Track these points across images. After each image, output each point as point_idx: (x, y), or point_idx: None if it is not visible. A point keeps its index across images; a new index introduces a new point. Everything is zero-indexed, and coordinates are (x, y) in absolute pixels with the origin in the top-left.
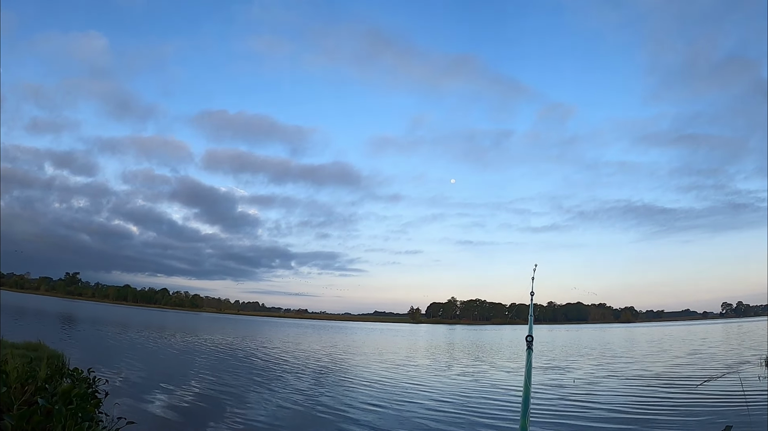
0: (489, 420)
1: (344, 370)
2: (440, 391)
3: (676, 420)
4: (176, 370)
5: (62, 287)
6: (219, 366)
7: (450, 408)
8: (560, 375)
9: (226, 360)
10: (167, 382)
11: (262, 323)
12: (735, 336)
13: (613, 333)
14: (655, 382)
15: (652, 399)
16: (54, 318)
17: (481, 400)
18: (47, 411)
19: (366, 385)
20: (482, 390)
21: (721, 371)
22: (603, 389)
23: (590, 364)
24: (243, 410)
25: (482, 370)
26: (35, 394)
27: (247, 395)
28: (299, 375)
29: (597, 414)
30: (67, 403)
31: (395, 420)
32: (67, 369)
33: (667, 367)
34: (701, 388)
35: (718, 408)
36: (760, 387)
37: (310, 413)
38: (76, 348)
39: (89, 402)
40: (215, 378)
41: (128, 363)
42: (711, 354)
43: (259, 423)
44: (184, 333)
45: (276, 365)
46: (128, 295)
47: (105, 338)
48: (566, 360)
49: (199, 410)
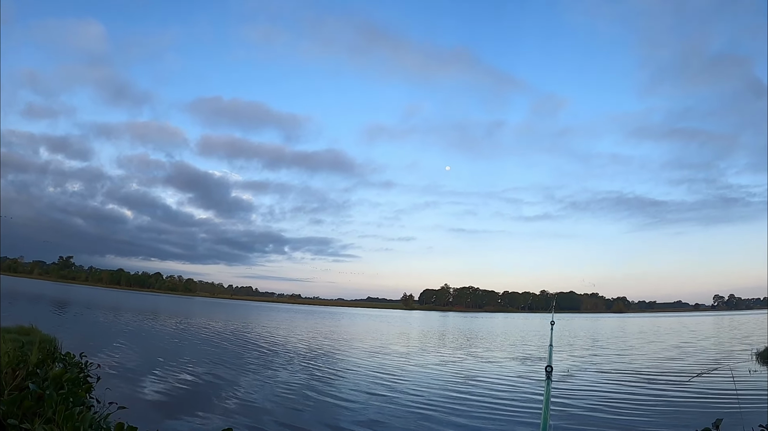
0: (481, 409)
1: (335, 356)
2: (430, 378)
3: (667, 414)
4: (169, 355)
5: (56, 271)
6: (211, 351)
7: (438, 396)
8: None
9: (218, 344)
10: (160, 367)
11: (255, 308)
12: (727, 330)
13: (606, 323)
14: (646, 375)
15: (643, 392)
16: (47, 302)
17: (472, 390)
18: (38, 396)
19: (356, 372)
20: (473, 379)
21: (714, 364)
22: (594, 380)
23: (581, 355)
24: (235, 394)
25: (474, 360)
26: (26, 379)
27: (239, 379)
28: (291, 360)
29: (588, 405)
30: (58, 388)
31: (385, 406)
32: (59, 354)
33: (660, 360)
34: (693, 382)
35: (710, 402)
36: (752, 381)
37: (302, 397)
38: (69, 332)
39: (81, 386)
40: (208, 363)
41: (121, 347)
42: (703, 347)
43: (251, 407)
44: (178, 318)
45: (268, 350)
46: (122, 279)
47: (98, 322)
48: (559, 350)
49: (191, 394)
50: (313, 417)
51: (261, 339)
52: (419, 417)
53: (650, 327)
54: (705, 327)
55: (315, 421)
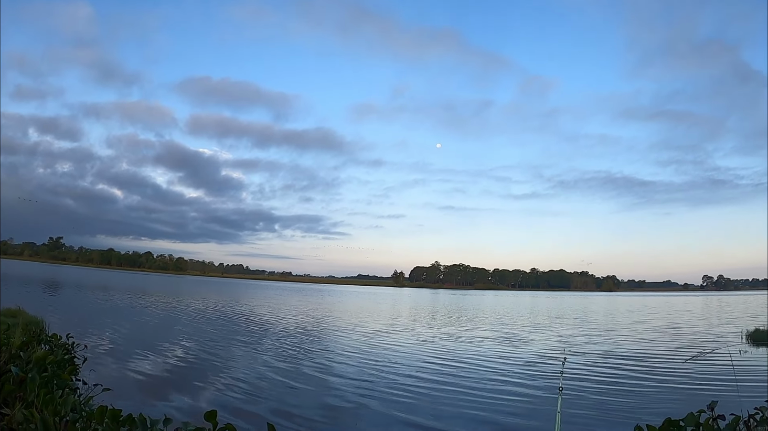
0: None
1: (324, 335)
2: (418, 357)
3: (660, 396)
4: (158, 335)
5: (46, 252)
6: (201, 331)
7: (429, 373)
8: (549, 347)
9: (208, 324)
10: (149, 347)
11: (246, 286)
12: (716, 310)
13: (596, 302)
14: (637, 356)
15: (635, 374)
16: (36, 283)
17: (460, 368)
18: (20, 380)
19: (345, 350)
20: (461, 358)
21: (704, 345)
22: (585, 362)
23: (571, 333)
24: (223, 374)
25: (466, 337)
26: (8, 362)
27: (228, 359)
28: (280, 339)
29: (578, 386)
30: (41, 371)
31: (373, 383)
32: (45, 335)
33: (650, 341)
34: (686, 364)
35: (704, 383)
36: (744, 362)
37: (290, 376)
38: (57, 313)
39: (65, 368)
40: (197, 343)
41: (110, 327)
42: (693, 328)
43: (239, 387)
44: (168, 297)
45: (258, 329)
46: (112, 259)
47: (87, 303)
48: (551, 328)
49: (179, 375)
50: (302, 396)
51: (251, 318)
52: (406, 391)
53: (639, 306)
54: (695, 308)
55: (304, 399)
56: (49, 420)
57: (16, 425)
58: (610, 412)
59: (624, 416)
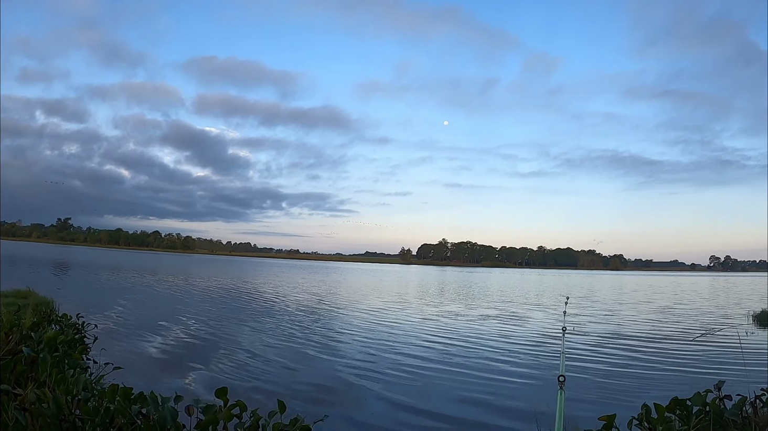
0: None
1: (332, 312)
2: (422, 335)
3: (666, 376)
4: (167, 313)
5: (54, 233)
6: (209, 309)
7: (435, 351)
8: (553, 324)
9: (216, 302)
10: (158, 325)
11: (253, 264)
12: (723, 291)
13: (602, 281)
14: (645, 337)
15: (641, 354)
16: (45, 264)
17: (468, 343)
18: (31, 360)
19: (352, 327)
20: (468, 333)
21: (711, 326)
22: (591, 342)
23: (578, 312)
24: (233, 351)
25: (472, 315)
26: (20, 343)
27: (237, 336)
28: (289, 317)
29: (584, 367)
30: (52, 350)
31: (380, 361)
32: (55, 316)
33: (656, 320)
34: (693, 343)
35: (711, 364)
36: (752, 344)
37: (298, 354)
38: (67, 293)
39: (76, 348)
40: (205, 321)
41: (120, 307)
42: (700, 308)
43: (248, 364)
44: (176, 276)
45: (265, 307)
46: (120, 239)
47: (96, 282)
48: (552, 308)
49: (189, 352)
50: (310, 373)
51: (258, 296)
52: (413, 368)
53: (646, 285)
54: (702, 288)
55: (312, 376)
56: (61, 399)
57: (29, 404)
58: (616, 391)
59: (630, 395)
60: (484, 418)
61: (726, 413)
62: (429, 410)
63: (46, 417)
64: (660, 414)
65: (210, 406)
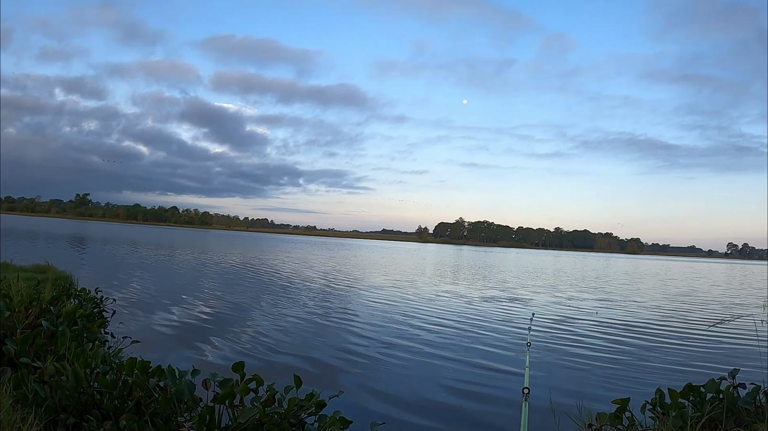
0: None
1: (349, 288)
2: (441, 310)
3: (680, 363)
4: (184, 288)
5: (73, 208)
6: (227, 283)
7: (450, 328)
8: (565, 306)
9: (233, 277)
10: (175, 300)
11: (271, 240)
12: (740, 278)
13: (619, 264)
14: (660, 322)
15: (654, 340)
16: (64, 239)
17: (483, 323)
18: (51, 334)
19: (369, 303)
20: (484, 313)
21: (727, 314)
22: (607, 325)
23: (593, 297)
24: (249, 325)
25: (493, 293)
26: (39, 317)
27: (253, 311)
28: (303, 293)
29: (600, 350)
30: (71, 324)
31: (396, 336)
32: (74, 290)
33: (674, 306)
34: (708, 331)
35: (726, 351)
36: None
37: (314, 328)
38: (86, 268)
39: (95, 322)
40: (222, 295)
41: (137, 281)
42: (718, 295)
43: (264, 339)
44: (193, 251)
45: (281, 282)
46: (138, 214)
47: (114, 257)
48: (573, 289)
49: (206, 326)
50: (324, 348)
51: (274, 272)
52: (427, 345)
53: (663, 270)
54: (719, 275)
55: (325, 352)
56: (80, 372)
57: (48, 377)
58: (630, 376)
59: (644, 380)
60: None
61: (739, 401)
62: (446, 385)
63: (65, 390)
64: (673, 400)
65: (226, 380)
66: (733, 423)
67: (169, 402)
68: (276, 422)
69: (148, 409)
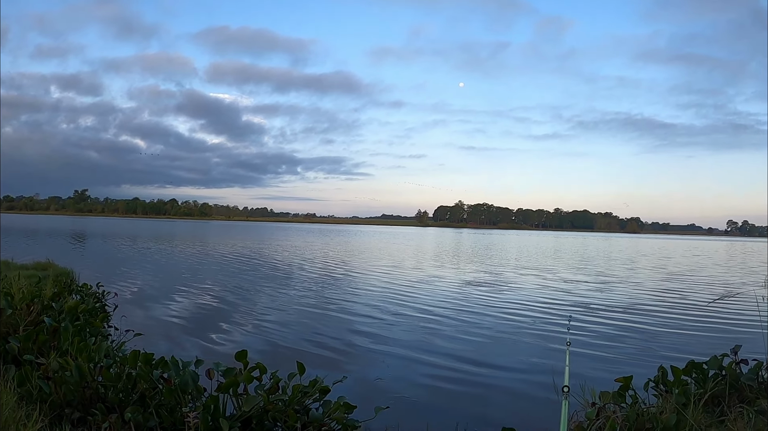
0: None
1: (349, 274)
2: (439, 294)
3: (682, 339)
4: (185, 280)
5: (72, 205)
6: (227, 274)
7: (449, 313)
8: (569, 284)
9: (233, 267)
10: (176, 292)
11: (270, 228)
12: (740, 256)
13: (619, 243)
14: (661, 299)
15: (658, 317)
16: (64, 236)
17: (483, 308)
18: (53, 329)
19: (369, 289)
20: (484, 297)
21: (729, 290)
22: (607, 304)
23: (592, 278)
24: (250, 316)
25: (493, 277)
26: (41, 313)
27: (255, 301)
28: (304, 281)
29: (602, 328)
30: (73, 319)
31: (397, 323)
32: (75, 286)
33: (675, 283)
34: (709, 307)
35: (728, 328)
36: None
37: (316, 316)
38: (86, 263)
39: (97, 316)
40: (224, 286)
41: (138, 275)
42: (718, 272)
43: (266, 328)
44: (194, 243)
45: (282, 271)
46: (138, 208)
47: (115, 252)
48: (566, 270)
49: (208, 317)
50: (326, 336)
51: (274, 261)
52: (427, 330)
53: (663, 248)
54: (719, 252)
55: (330, 338)
56: (83, 366)
57: (52, 373)
58: (632, 354)
59: (646, 357)
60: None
61: (742, 377)
62: (445, 364)
63: (69, 385)
64: (676, 377)
65: (230, 369)
66: (736, 399)
67: (173, 393)
68: (280, 409)
69: (152, 401)
